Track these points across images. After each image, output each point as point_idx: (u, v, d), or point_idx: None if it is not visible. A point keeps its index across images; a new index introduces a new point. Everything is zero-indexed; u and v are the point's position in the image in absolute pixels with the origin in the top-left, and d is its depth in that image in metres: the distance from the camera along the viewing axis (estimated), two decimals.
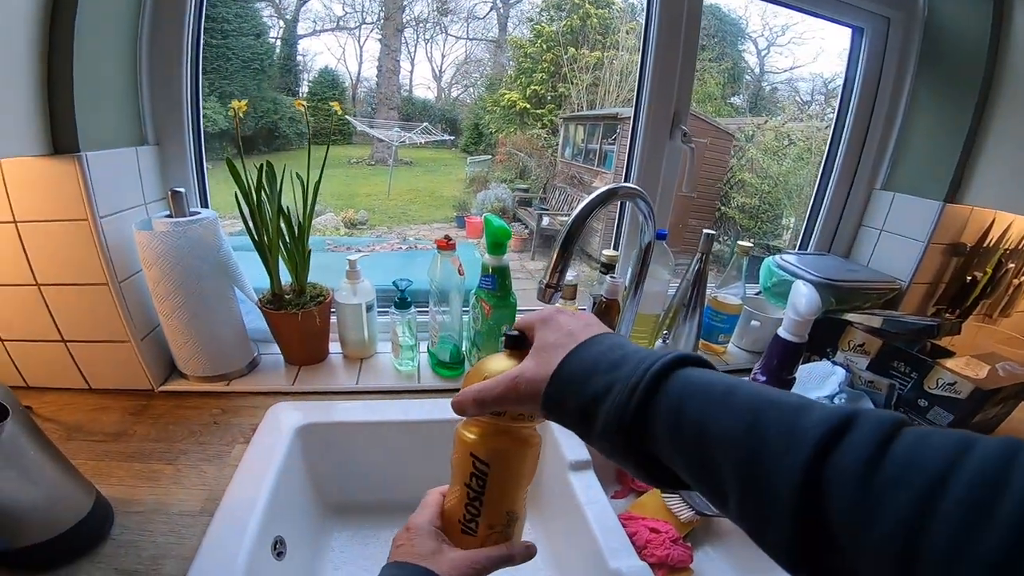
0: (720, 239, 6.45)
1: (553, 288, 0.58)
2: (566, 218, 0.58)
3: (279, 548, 0.66)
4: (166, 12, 0.82)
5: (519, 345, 0.42)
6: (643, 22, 1.02)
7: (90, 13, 0.67)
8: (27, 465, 0.51)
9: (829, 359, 0.97)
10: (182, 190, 0.78)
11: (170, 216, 0.78)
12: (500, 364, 0.42)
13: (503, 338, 0.44)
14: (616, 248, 1.14)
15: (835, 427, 0.25)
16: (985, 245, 1.07)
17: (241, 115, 0.79)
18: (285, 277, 0.90)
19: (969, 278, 1.08)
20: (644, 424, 0.32)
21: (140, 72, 0.82)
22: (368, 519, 0.83)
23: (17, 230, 0.71)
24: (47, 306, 0.76)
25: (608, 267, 0.93)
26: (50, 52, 0.65)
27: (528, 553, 0.46)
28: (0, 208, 0.69)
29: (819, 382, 0.91)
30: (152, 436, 0.75)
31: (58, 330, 0.78)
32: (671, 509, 0.76)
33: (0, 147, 0.61)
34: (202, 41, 0.89)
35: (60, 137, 0.68)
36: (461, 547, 0.45)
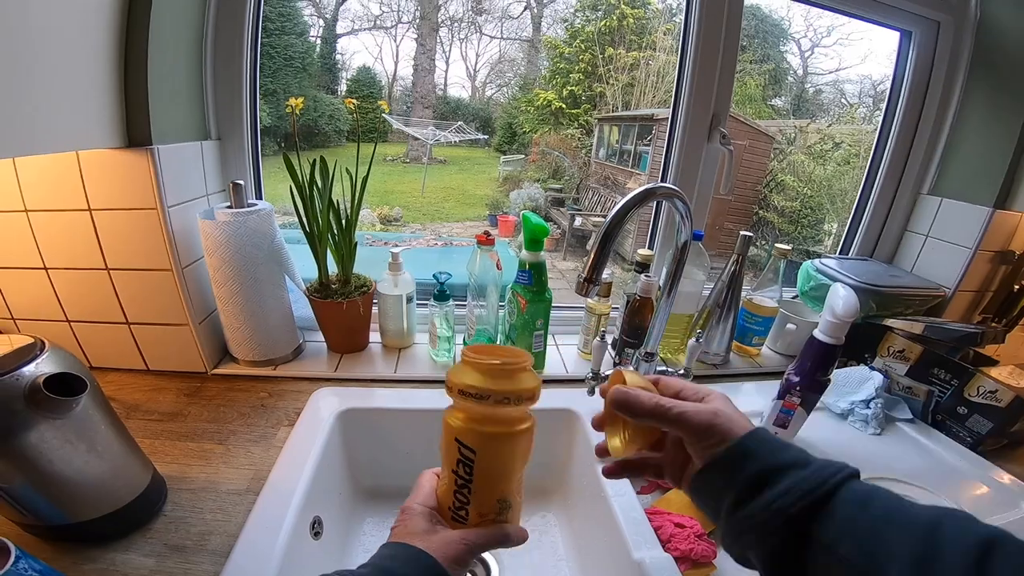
0: (757, 243, 6.31)
1: (590, 283, 0.60)
2: (599, 219, 0.60)
3: (317, 528, 0.69)
4: (228, 12, 0.86)
5: None
6: (682, 23, 1.02)
7: (161, 16, 0.71)
8: (96, 439, 0.54)
9: (867, 364, 0.96)
10: (242, 182, 0.81)
11: (230, 207, 0.82)
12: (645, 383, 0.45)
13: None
14: (651, 247, 1.15)
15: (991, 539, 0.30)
16: None
17: (298, 112, 0.83)
18: (331, 269, 0.94)
19: (1017, 287, 1.05)
20: (827, 501, 0.34)
21: (205, 70, 0.87)
22: (398, 505, 0.85)
23: (91, 217, 0.75)
24: (115, 289, 0.81)
25: (643, 266, 0.94)
26: (126, 52, 0.69)
27: (522, 536, 0.46)
28: (77, 197, 0.74)
29: (855, 386, 0.91)
30: (205, 417, 0.79)
31: (123, 312, 0.83)
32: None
33: (80, 140, 0.66)
34: (260, 40, 0.93)
35: (134, 131, 0.72)
36: None
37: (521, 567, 0.78)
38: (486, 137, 12.34)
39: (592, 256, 0.59)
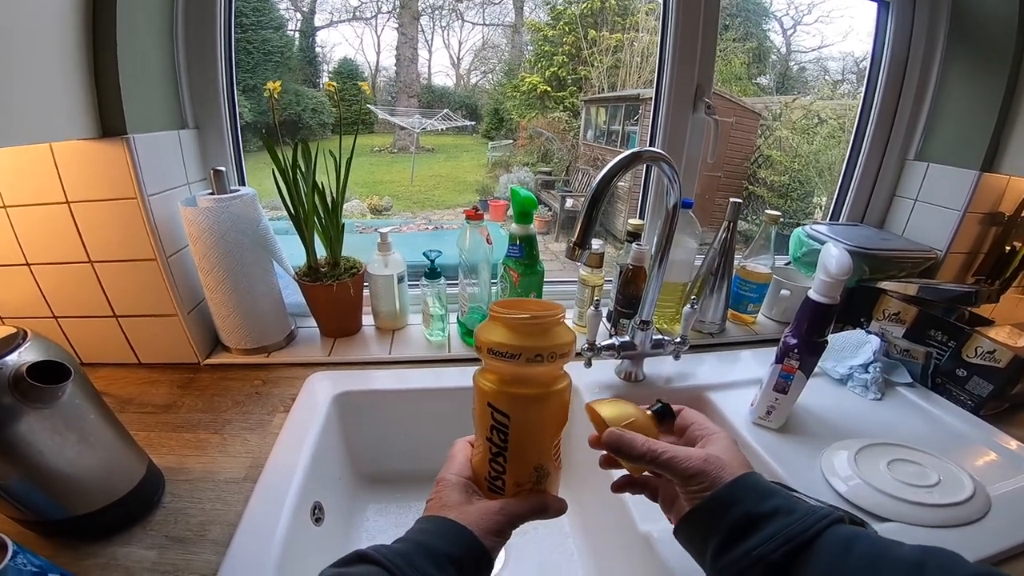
0: (748, 218, 6.35)
1: (580, 247, 0.59)
2: None
3: (317, 514, 0.68)
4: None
5: (666, 418, 0.45)
6: None
7: (128, 4, 0.70)
8: (87, 429, 0.54)
9: (863, 328, 0.96)
10: (223, 168, 0.80)
11: (212, 194, 0.80)
12: (638, 416, 0.44)
13: (657, 405, 0.45)
14: (641, 218, 1.15)
15: None
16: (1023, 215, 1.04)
17: (276, 96, 0.82)
18: (320, 255, 0.93)
19: (1008, 248, 1.05)
20: (809, 548, 0.35)
21: (178, 59, 0.86)
22: (400, 489, 0.86)
23: (70, 210, 0.74)
24: (100, 282, 0.80)
25: (634, 236, 0.94)
26: (94, 41, 0.68)
27: (561, 507, 0.45)
28: (54, 190, 0.73)
29: (853, 350, 0.91)
30: (199, 407, 0.79)
31: (110, 305, 0.82)
32: None
33: (51, 131, 0.65)
34: (233, 27, 0.92)
35: (108, 121, 0.71)
36: None
37: (527, 544, 0.78)
38: (473, 123, 12.24)
39: (581, 220, 0.58)
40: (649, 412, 0.46)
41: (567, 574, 0.75)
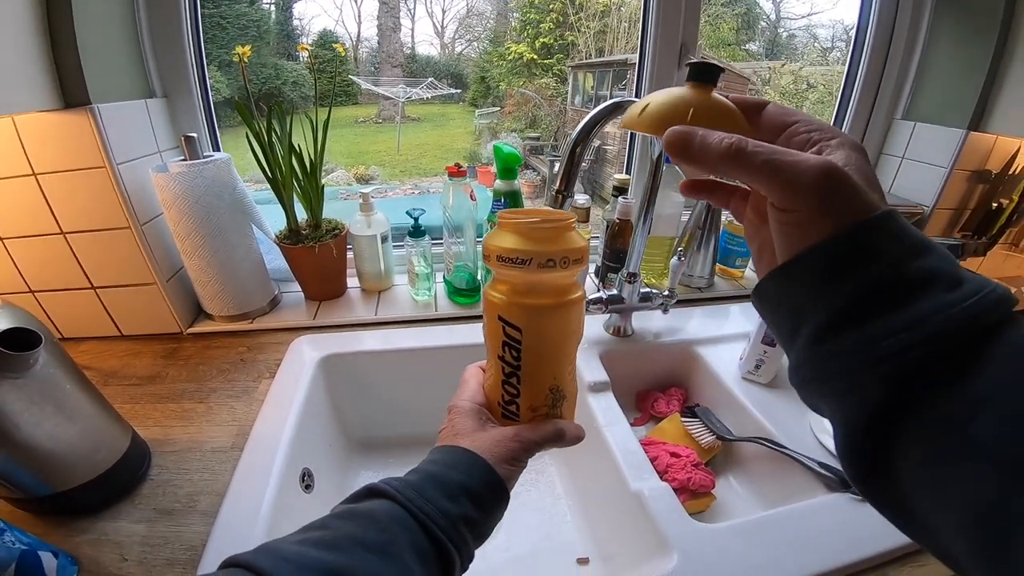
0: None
1: (563, 194, 0.58)
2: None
3: (307, 481, 0.68)
4: None
5: (708, 79, 0.29)
6: None
7: None
8: (64, 399, 0.52)
9: None
10: (194, 135, 0.78)
11: (185, 160, 0.78)
12: (702, 100, 0.29)
13: (688, 66, 0.30)
14: (627, 173, 1.13)
15: None
16: (1011, 173, 1.04)
17: (245, 61, 0.79)
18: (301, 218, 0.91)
19: (995, 205, 1.06)
20: (972, 348, 0.21)
21: (140, 27, 0.83)
22: (392, 455, 0.86)
23: (38, 182, 0.72)
24: (74, 253, 0.78)
25: (620, 190, 0.93)
26: (48, 10, 0.66)
27: (578, 433, 0.41)
28: (19, 163, 0.71)
29: None
30: (184, 377, 0.78)
31: (87, 277, 0.80)
32: (692, 434, 0.75)
33: (11, 103, 0.63)
34: None
35: (70, 91, 0.69)
36: None
37: (520, 507, 0.78)
38: (459, 91, 12.01)
39: (562, 168, 0.57)
40: (693, 84, 0.30)
41: (560, 536, 0.74)
